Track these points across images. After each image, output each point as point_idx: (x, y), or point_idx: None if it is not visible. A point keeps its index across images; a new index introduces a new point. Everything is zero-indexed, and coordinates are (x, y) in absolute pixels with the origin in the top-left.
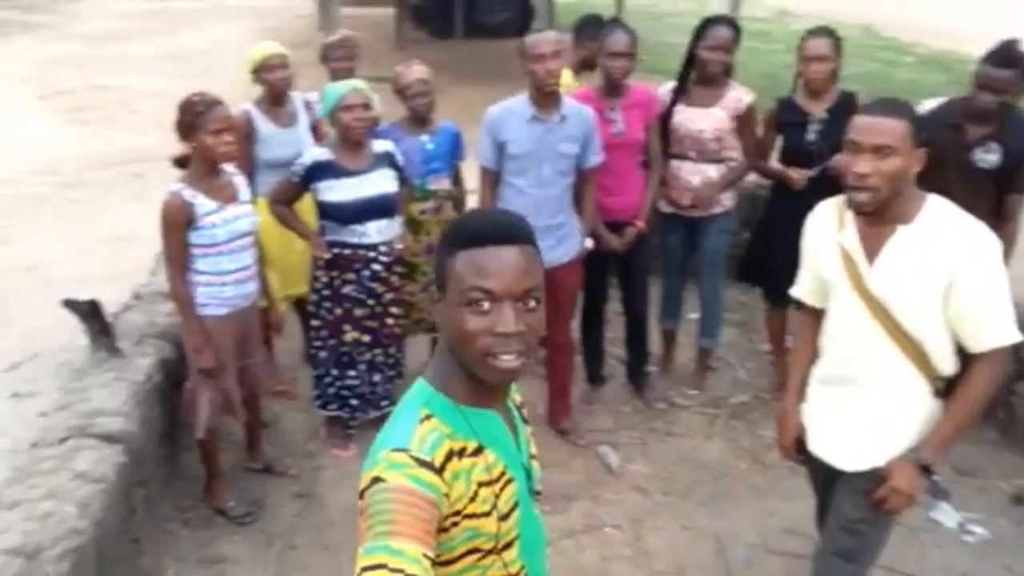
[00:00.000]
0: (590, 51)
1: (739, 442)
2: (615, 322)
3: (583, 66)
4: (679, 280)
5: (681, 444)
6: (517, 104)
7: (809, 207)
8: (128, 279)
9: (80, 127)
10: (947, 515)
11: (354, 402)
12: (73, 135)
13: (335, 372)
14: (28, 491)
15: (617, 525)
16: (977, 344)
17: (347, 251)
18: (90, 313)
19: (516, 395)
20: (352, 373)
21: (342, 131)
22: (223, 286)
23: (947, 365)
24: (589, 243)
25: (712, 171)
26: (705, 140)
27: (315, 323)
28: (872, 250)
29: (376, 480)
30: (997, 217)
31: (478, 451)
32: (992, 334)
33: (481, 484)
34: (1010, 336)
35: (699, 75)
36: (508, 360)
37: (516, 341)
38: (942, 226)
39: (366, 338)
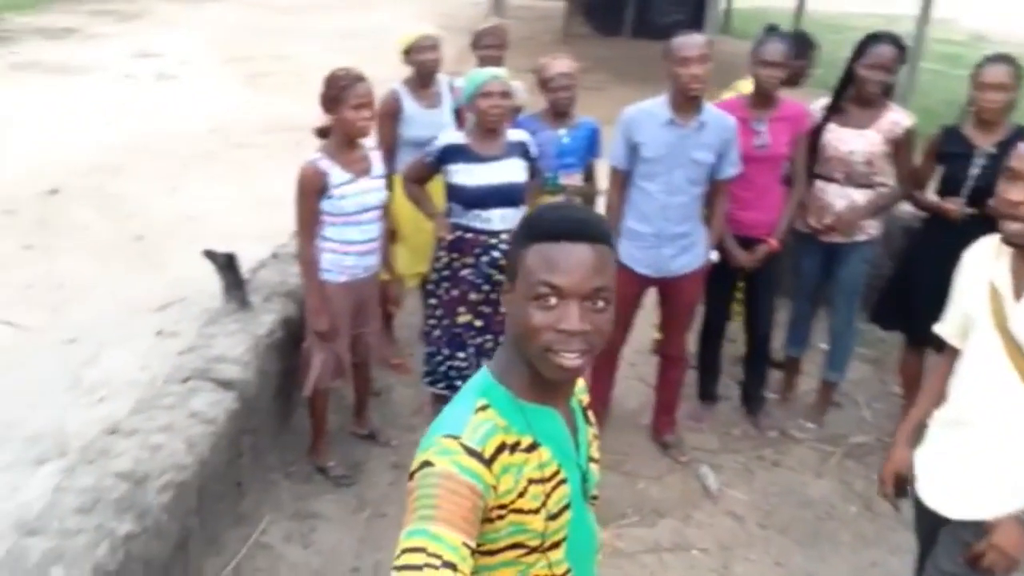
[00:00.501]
0: (794, 69)
1: (852, 485)
2: (739, 341)
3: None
4: (810, 306)
5: (788, 477)
6: (655, 106)
7: (961, 245)
8: (273, 239)
9: (255, 92)
10: None
11: (459, 383)
12: (247, 99)
13: (446, 351)
14: (146, 422)
15: (705, 549)
16: None
17: (469, 235)
18: (227, 266)
19: (583, 395)
20: (461, 355)
21: (478, 117)
22: (346, 255)
23: None
24: (714, 256)
25: (858, 196)
26: (854, 163)
27: (431, 301)
28: (1021, 287)
29: (425, 464)
30: None
31: (532, 447)
32: None
33: (532, 481)
34: None
35: (856, 94)
36: (569, 358)
37: (579, 340)
38: None
39: (479, 323)
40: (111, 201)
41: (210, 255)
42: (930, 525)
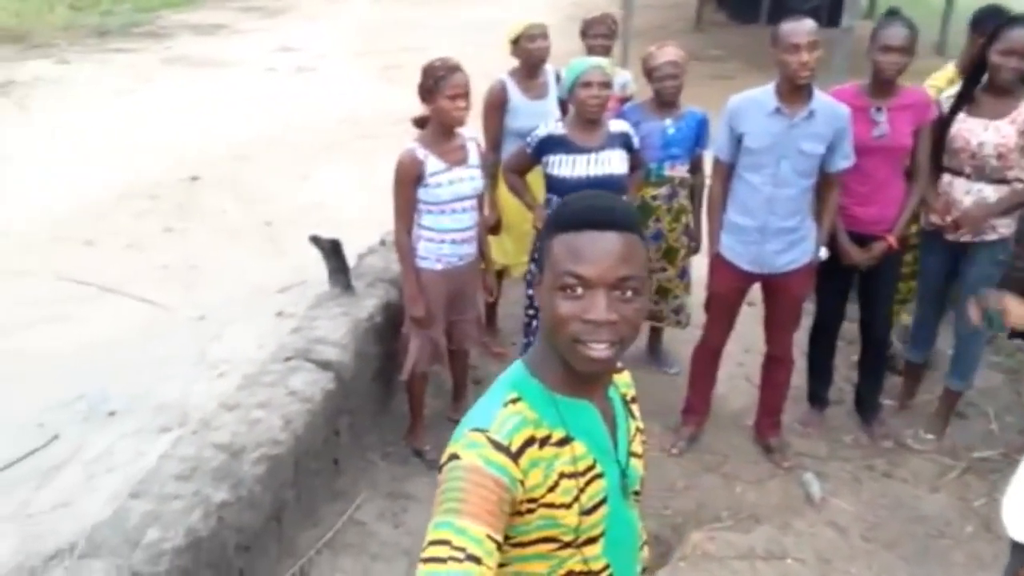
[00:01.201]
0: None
1: (971, 502)
2: (857, 344)
3: (973, 66)
4: (934, 308)
5: (899, 489)
6: (762, 94)
7: None
8: (386, 226)
9: (385, 84)
10: None
11: None
12: (378, 91)
13: None
14: (248, 397)
15: (802, 559)
16: None
17: None
18: (332, 251)
19: (628, 389)
20: None
21: (578, 107)
22: (441, 243)
23: None
24: (824, 253)
25: (989, 191)
26: (985, 156)
27: (530, 292)
28: None
29: (453, 457)
30: None
31: (564, 441)
32: None
33: (564, 475)
34: None
35: (989, 82)
36: (597, 349)
37: (607, 330)
38: None
39: None
40: (245, 188)
41: (316, 241)
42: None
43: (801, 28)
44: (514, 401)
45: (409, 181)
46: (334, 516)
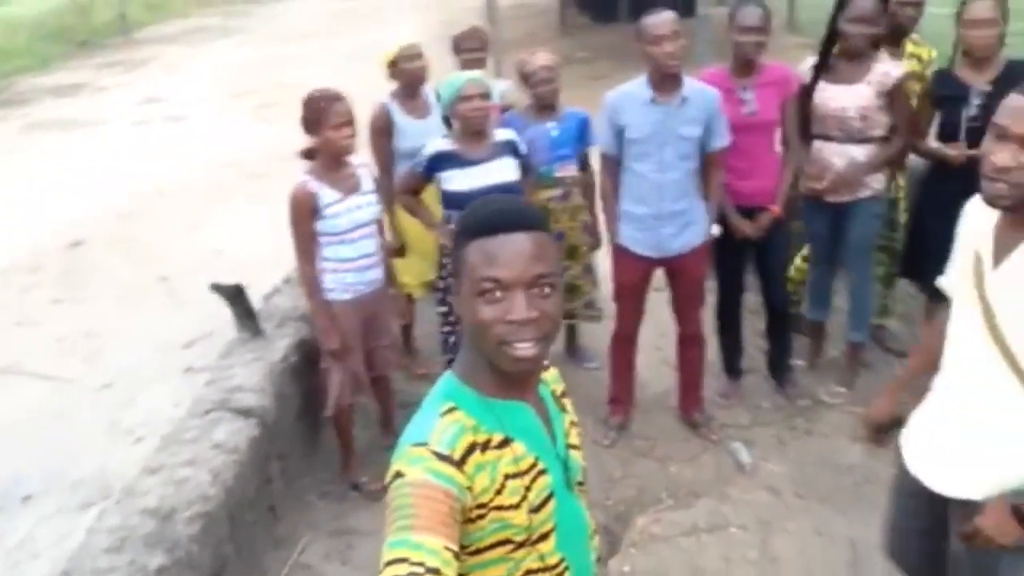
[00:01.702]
0: (901, 19)
1: (889, 446)
2: (762, 313)
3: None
4: (826, 269)
5: (822, 444)
6: (636, 87)
7: (969, 191)
8: (288, 265)
9: (261, 123)
10: None
11: None
12: (254, 131)
13: None
14: (170, 457)
15: (743, 526)
16: None
17: None
18: (235, 297)
19: (556, 384)
20: None
21: (462, 121)
22: (347, 272)
23: None
24: (716, 230)
25: (858, 152)
26: (849, 119)
27: (442, 309)
28: (1001, 253)
29: (397, 475)
30: None
31: (504, 443)
32: None
33: (508, 476)
34: None
35: (842, 49)
36: (523, 348)
37: (530, 328)
38: None
39: None
40: (133, 246)
41: (217, 288)
42: (922, 494)
43: (662, 20)
44: (450, 411)
45: (305, 215)
46: (279, 564)
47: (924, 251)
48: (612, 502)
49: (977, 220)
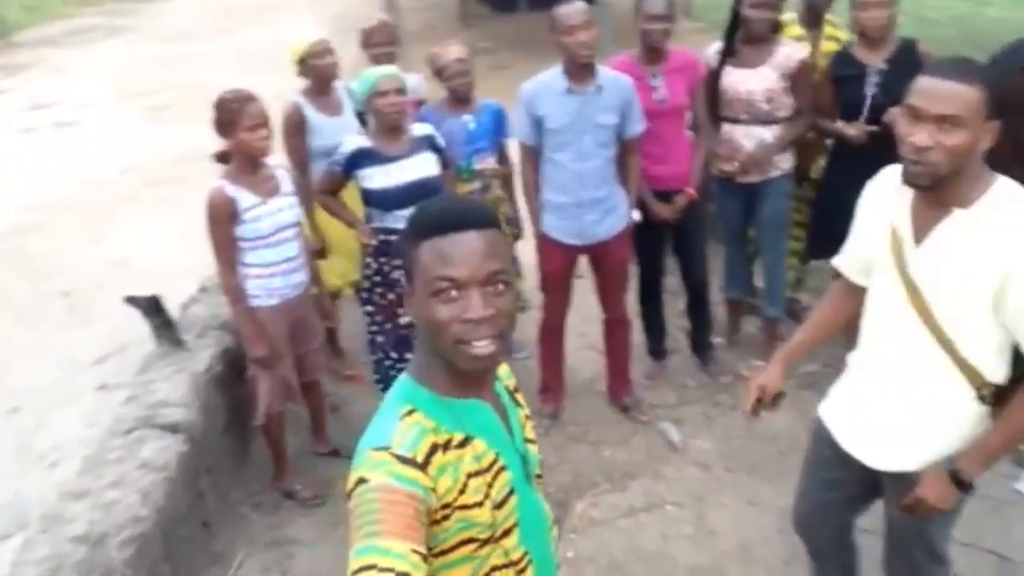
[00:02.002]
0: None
1: (809, 414)
2: (682, 294)
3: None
4: (740, 248)
5: (746, 418)
6: (551, 77)
7: (871, 167)
8: (205, 271)
9: (161, 126)
10: None
11: None
12: (151, 134)
13: (394, 355)
14: (96, 480)
15: (678, 503)
16: None
17: (393, 236)
18: (152, 309)
19: (509, 380)
20: (410, 355)
21: (378, 117)
22: (271, 277)
23: (994, 372)
24: (636, 215)
25: (766, 133)
26: (755, 101)
27: (368, 309)
28: (921, 231)
29: (360, 481)
30: None
31: (465, 442)
32: None
33: (471, 475)
34: None
35: (745, 34)
36: (481, 346)
37: (487, 326)
38: (1005, 216)
39: None
40: (31, 262)
41: (132, 301)
42: (849, 466)
43: (575, 10)
44: (409, 413)
45: (223, 220)
46: None
47: (829, 228)
48: (551, 489)
49: (886, 199)
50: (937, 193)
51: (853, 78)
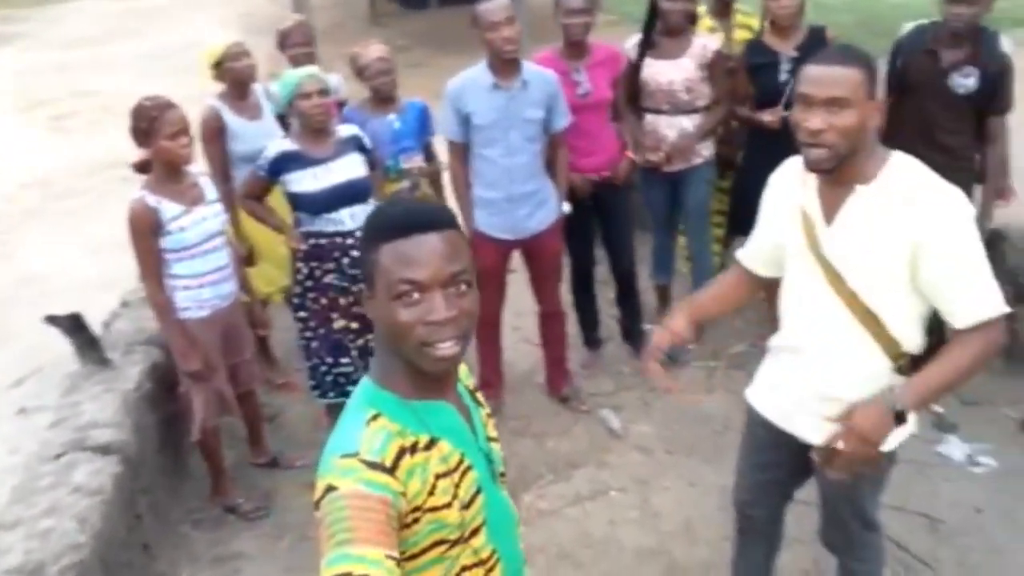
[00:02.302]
0: None
1: (740, 393)
2: (612, 283)
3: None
4: (667, 235)
5: (682, 401)
6: (477, 73)
7: (787, 151)
8: (124, 286)
9: (64, 135)
10: (955, 448)
11: (350, 388)
12: (58, 144)
13: (329, 360)
14: (28, 509)
15: (623, 488)
16: (960, 319)
17: (324, 240)
18: (74, 326)
19: (468, 380)
20: (345, 360)
21: (302, 119)
22: (200, 288)
23: (910, 341)
24: (566, 207)
25: (687, 122)
26: (676, 92)
27: (301, 314)
28: (830, 211)
29: (329, 488)
30: (981, 141)
31: (431, 444)
32: (974, 308)
33: (438, 476)
34: (995, 308)
35: (663, 27)
36: (445, 347)
37: (451, 327)
38: (906, 188)
39: (355, 324)
40: None
41: (52, 320)
42: (781, 444)
43: (497, 6)
44: (375, 418)
45: (146, 232)
46: None
47: (747, 212)
48: None
49: (791, 187)
50: (838, 173)
51: (767, 66)
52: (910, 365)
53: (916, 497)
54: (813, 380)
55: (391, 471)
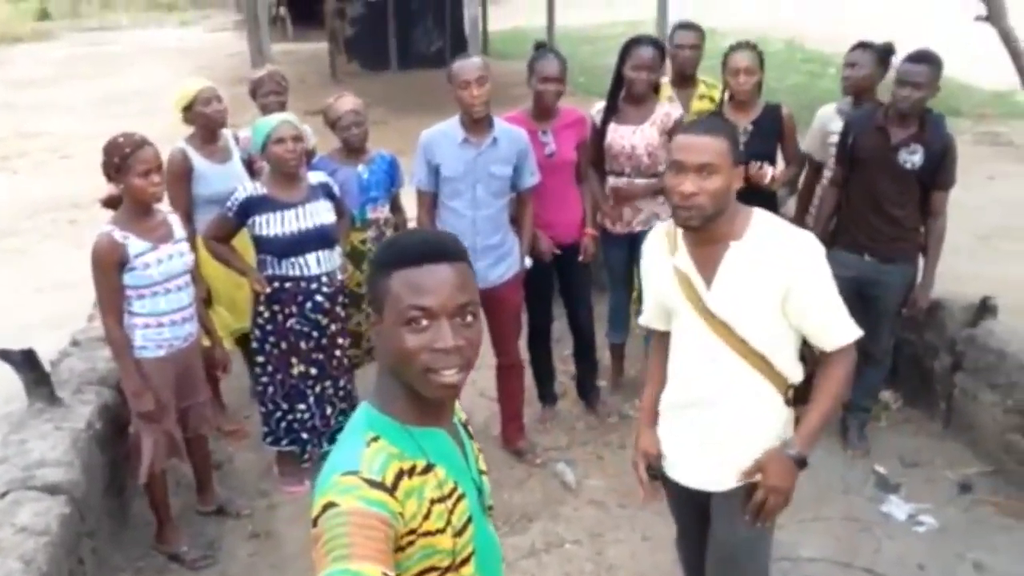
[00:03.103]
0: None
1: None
2: (567, 340)
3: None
4: (624, 294)
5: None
6: (449, 128)
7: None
8: (70, 326)
9: (10, 175)
10: (897, 507)
11: (305, 436)
12: (4, 184)
13: (285, 406)
14: None
15: (577, 541)
16: (830, 343)
17: (288, 284)
18: (25, 363)
19: (461, 413)
20: (302, 407)
21: (275, 164)
22: (160, 327)
23: (794, 373)
24: (528, 262)
25: (647, 186)
26: (639, 156)
27: (260, 359)
28: (707, 270)
29: (329, 505)
30: (925, 214)
31: (428, 469)
32: (840, 333)
33: (434, 501)
34: (854, 333)
35: (627, 94)
36: (449, 375)
37: (455, 356)
38: (772, 239)
39: (314, 371)
40: None
41: (3, 355)
42: (688, 502)
43: (469, 66)
44: (375, 439)
45: (111, 267)
46: None
47: None
48: None
49: (662, 249)
50: (708, 232)
51: None
52: (794, 396)
53: (862, 554)
54: (715, 427)
55: (391, 491)
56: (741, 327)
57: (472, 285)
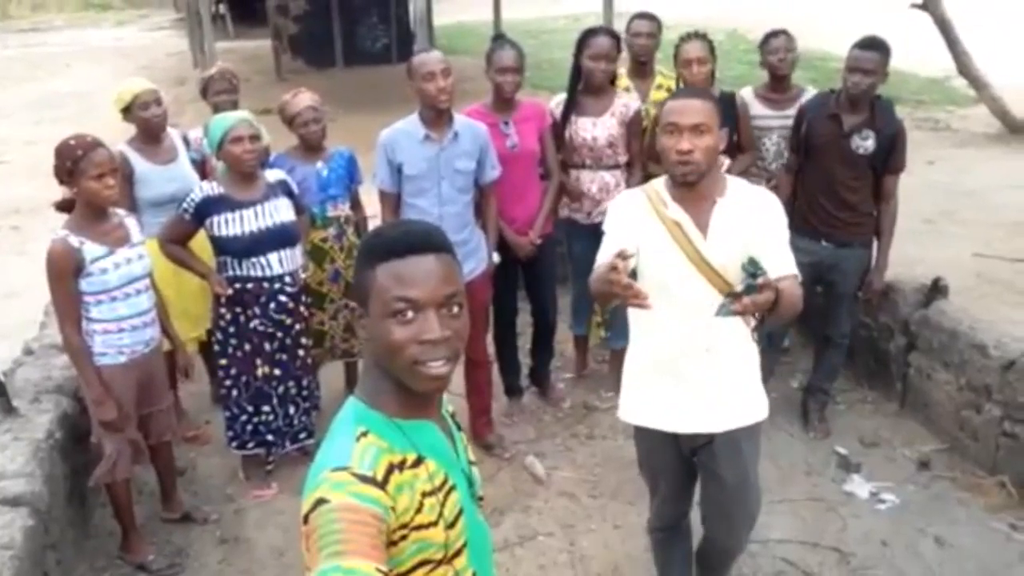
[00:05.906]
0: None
1: None
2: (529, 333)
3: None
4: (586, 286)
5: (604, 446)
6: (409, 125)
7: None
8: (18, 335)
9: None
10: (860, 486)
11: (270, 438)
12: None
13: (249, 409)
14: None
15: (550, 533)
16: (780, 270)
17: (250, 285)
18: None
19: (448, 405)
20: (266, 408)
21: (232, 163)
22: (120, 332)
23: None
24: (496, 257)
25: (609, 177)
26: (599, 148)
27: (223, 362)
28: (703, 221)
29: (320, 501)
30: (876, 198)
31: (418, 462)
32: (789, 262)
33: (425, 494)
34: (793, 267)
35: (586, 85)
36: (437, 366)
37: (443, 347)
38: (746, 195)
39: (277, 371)
40: None
41: None
42: (677, 458)
43: (432, 58)
44: (364, 434)
45: (66, 273)
46: None
47: None
48: None
49: (642, 211)
50: (699, 189)
51: None
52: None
53: (828, 533)
54: (718, 370)
55: (382, 485)
56: (730, 275)
57: (457, 276)
